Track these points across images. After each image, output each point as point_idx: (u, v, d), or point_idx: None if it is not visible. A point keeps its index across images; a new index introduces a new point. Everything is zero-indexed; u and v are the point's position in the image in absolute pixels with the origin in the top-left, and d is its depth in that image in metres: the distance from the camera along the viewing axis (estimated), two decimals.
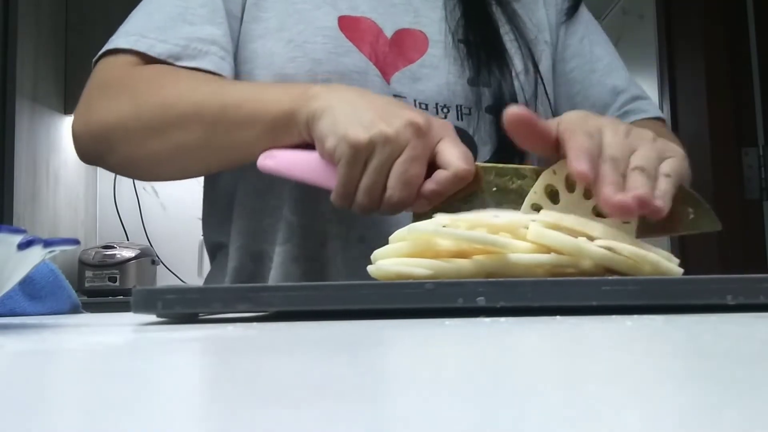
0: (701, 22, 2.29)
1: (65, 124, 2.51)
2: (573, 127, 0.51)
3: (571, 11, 0.84)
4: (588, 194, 0.50)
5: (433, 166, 0.57)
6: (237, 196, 0.74)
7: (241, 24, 0.74)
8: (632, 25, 2.91)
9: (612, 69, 0.84)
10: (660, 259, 0.42)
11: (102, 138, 0.69)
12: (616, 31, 3.10)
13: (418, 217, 0.60)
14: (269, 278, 0.73)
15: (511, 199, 0.57)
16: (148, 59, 0.69)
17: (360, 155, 0.57)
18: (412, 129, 0.57)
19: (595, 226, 0.44)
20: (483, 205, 0.58)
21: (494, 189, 0.58)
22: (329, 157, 0.59)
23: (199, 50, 0.70)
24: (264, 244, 0.73)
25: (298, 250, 0.71)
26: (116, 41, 0.71)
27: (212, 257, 0.82)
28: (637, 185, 0.48)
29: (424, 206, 0.58)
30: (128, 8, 0.76)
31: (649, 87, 2.60)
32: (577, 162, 0.48)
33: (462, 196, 0.58)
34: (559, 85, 0.83)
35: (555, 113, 0.82)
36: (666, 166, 0.51)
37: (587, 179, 0.48)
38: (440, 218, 0.46)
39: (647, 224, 0.52)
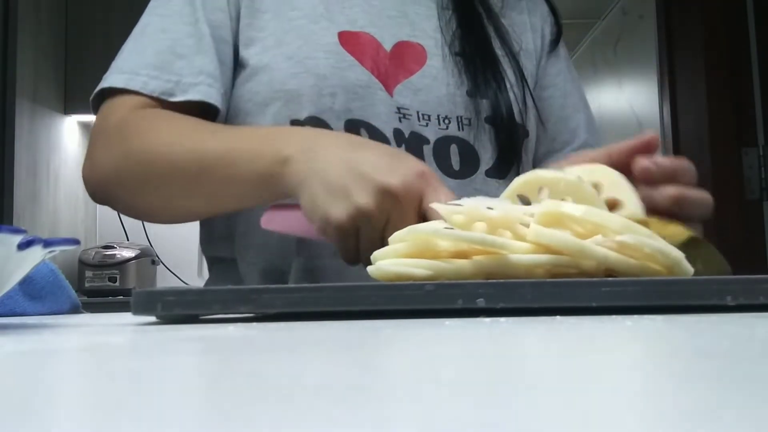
0: (701, 22, 2.29)
1: (65, 124, 2.51)
2: None
3: (554, 45, 0.87)
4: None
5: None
6: (245, 212, 0.75)
7: (235, 48, 0.75)
8: (632, 25, 2.91)
9: (577, 109, 0.87)
10: (682, 258, 0.42)
11: (104, 187, 0.72)
12: (616, 31, 3.11)
13: None
14: None
15: None
16: (143, 98, 0.71)
17: (347, 233, 0.57)
18: (389, 198, 0.55)
19: (614, 220, 0.42)
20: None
21: None
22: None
23: (189, 83, 0.71)
24: (277, 259, 0.73)
25: (312, 262, 0.72)
26: (110, 79, 0.73)
27: (211, 266, 0.83)
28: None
29: None
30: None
31: (649, 87, 2.61)
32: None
33: None
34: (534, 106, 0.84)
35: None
36: None
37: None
38: (438, 207, 0.45)
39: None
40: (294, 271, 0.72)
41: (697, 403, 0.15)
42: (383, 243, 0.55)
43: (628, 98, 2.93)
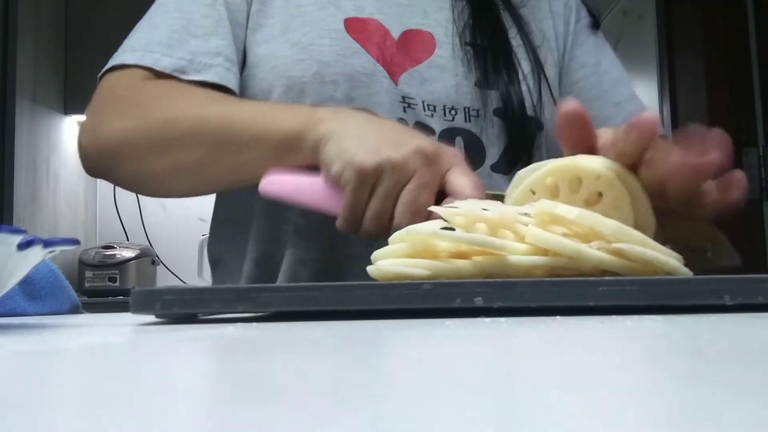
0: (701, 22, 2.29)
1: (65, 124, 2.51)
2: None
3: (593, 27, 0.85)
4: (592, 200, 0.47)
5: (442, 194, 0.56)
6: (254, 206, 0.74)
7: (246, 31, 0.74)
8: (632, 25, 2.91)
9: (617, 83, 0.83)
10: (679, 265, 0.41)
11: (109, 153, 0.69)
12: (616, 31, 3.10)
13: None
14: (278, 282, 0.73)
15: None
16: (154, 73, 0.69)
17: (367, 181, 0.56)
18: (421, 156, 0.55)
19: (607, 224, 0.41)
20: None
21: None
22: (335, 182, 0.58)
23: (204, 63, 0.70)
24: (273, 249, 0.73)
25: (306, 253, 0.71)
26: (122, 56, 0.71)
27: (214, 266, 0.82)
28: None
29: None
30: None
31: (649, 87, 2.61)
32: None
33: None
34: (563, 95, 0.82)
35: None
36: None
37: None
38: (438, 209, 0.45)
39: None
40: (286, 262, 0.72)
41: (697, 403, 0.15)
42: (392, 211, 0.55)
43: None
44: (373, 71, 0.72)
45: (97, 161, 0.71)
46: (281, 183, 0.61)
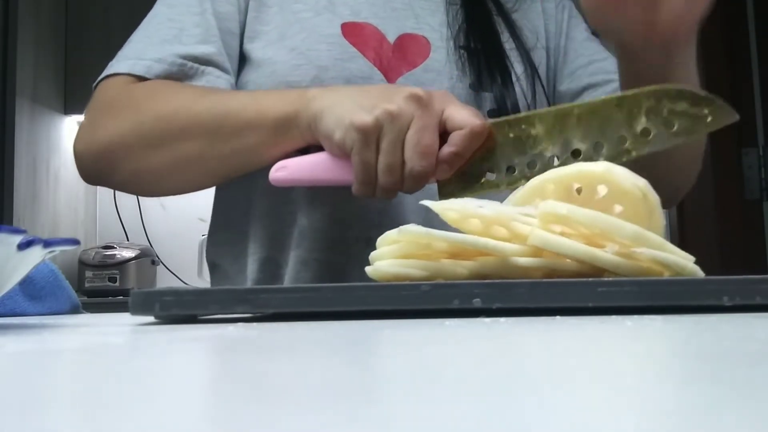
0: (701, 21, 2.29)
1: (65, 124, 2.51)
2: None
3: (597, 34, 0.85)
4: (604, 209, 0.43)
5: (445, 135, 0.59)
6: (253, 207, 0.75)
7: (242, 40, 0.75)
8: None
9: (606, 57, 0.84)
10: (697, 269, 0.41)
11: (105, 156, 0.70)
12: None
13: (443, 187, 0.60)
14: (283, 283, 0.73)
15: (530, 145, 0.58)
16: (145, 81, 0.71)
17: (370, 138, 0.58)
18: (415, 101, 0.58)
19: (625, 228, 0.40)
20: (504, 159, 0.59)
21: (511, 136, 0.59)
22: (340, 150, 0.59)
23: (195, 69, 0.71)
24: (276, 251, 0.73)
25: (308, 254, 0.72)
26: (115, 66, 0.72)
27: (212, 270, 0.82)
28: None
29: (445, 172, 0.59)
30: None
31: None
32: None
33: (480, 155, 0.59)
34: (562, 87, 0.83)
35: None
36: None
37: None
38: (431, 204, 0.45)
39: (671, 133, 0.55)
40: (290, 264, 0.72)
41: (697, 403, 0.15)
42: (402, 160, 0.57)
43: None
44: (371, 75, 0.73)
45: (94, 166, 0.72)
46: (289, 167, 0.62)
